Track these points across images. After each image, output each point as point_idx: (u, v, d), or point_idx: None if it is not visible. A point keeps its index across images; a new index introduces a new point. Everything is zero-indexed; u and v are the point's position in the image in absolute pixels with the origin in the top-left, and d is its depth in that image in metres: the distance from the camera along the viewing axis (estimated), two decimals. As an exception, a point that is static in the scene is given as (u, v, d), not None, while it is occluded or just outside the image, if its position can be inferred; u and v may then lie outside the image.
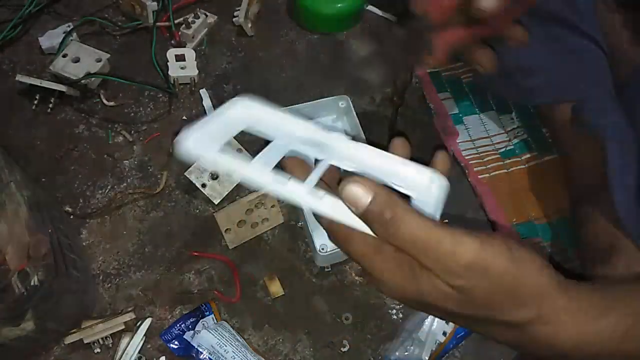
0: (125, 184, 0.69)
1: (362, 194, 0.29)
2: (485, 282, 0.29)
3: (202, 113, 0.74)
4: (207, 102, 0.75)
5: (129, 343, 0.59)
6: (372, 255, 0.31)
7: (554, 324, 0.32)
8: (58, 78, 0.72)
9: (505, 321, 0.31)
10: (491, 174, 0.70)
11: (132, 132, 0.73)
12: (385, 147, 0.36)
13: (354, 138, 0.36)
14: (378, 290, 0.33)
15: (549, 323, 0.32)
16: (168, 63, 0.74)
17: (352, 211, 0.30)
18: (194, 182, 0.66)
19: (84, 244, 0.65)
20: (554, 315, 0.32)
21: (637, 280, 0.38)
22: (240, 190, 0.68)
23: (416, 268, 0.30)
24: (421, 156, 0.37)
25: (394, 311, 0.63)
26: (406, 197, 0.33)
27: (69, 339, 0.58)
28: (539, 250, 0.35)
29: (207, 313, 0.60)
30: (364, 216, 0.30)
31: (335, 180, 0.35)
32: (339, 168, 0.36)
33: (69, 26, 0.78)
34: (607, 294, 0.34)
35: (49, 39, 0.77)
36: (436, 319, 0.60)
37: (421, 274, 0.30)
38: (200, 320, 0.60)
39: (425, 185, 0.33)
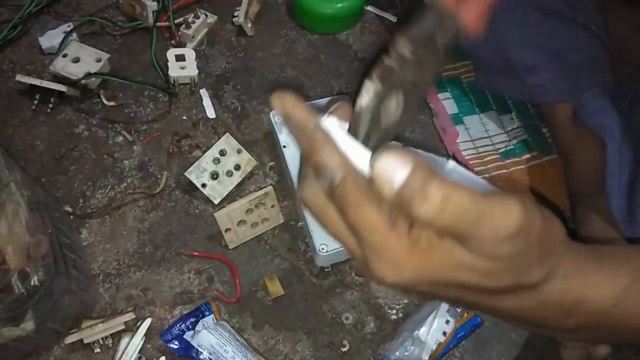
0: (125, 184, 0.69)
1: (399, 166, 0.25)
2: (526, 243, 0.27)
3: (203, 112, 0.74)
4: (207, 102, 0.75)
5: (129, 343, 0.59)
6: (384, 231, 0.27)
7: (565, 277, 0.31)
8: (58, 78, 0.72)
9: (525, 284, 0.30)
10: (491, 174, 0.70)
11: (132, 132, 0.73)
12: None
13: None
14: (379, 281, 0.29)
15: (562, 277, 0.31)
16: (168, 63, 0.74)
17: (385, 192, 0.26)
18: (194, 182, 0.66)
19: (84, 244, 0.65)
20: (566, 269, 0.31)
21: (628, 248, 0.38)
22: (240, 190, 0.68)
23: (435, 242, 0.27)
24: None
25: (394, 311, 0.63)
26: None
27: (69, 339, 0.57)
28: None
29: (207, 313, 0.60)
30: (402, 194, 0.26)
31: None
32: None
33: (69, 26, 0.78)
34: (602, 253, 0.34)
35: (49, 39, 0.77)
36: (436, 319, 0.59)
37: (443, 248, 0.27)
38: (200, 320, 0.60)
39: None
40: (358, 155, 0.28)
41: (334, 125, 0.28)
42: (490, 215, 0.26)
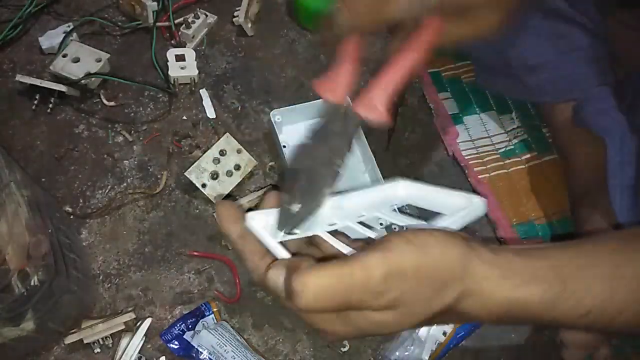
0: (125, 184, 0.69)
1: (276, 277, 0.31)
2: (407, 283, 0.30)
3: (203, 112, 0.74)
4: (207, 102, 0.75)
5: (129, 343, 0.59)
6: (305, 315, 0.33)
7: (479, 294, 0.32)
8: (58, 78, 0.72)
9: (440, 311, 0.32)
10: (491, 174, 0.70)
11: (132, 132, 0.73)
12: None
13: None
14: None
15: (473, 295, 0.32)
16: (168, 63, 0.74)
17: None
18: (194, 182, 0.66)
19: (84, 244, 0.65)
20: (477, 286, 0.32)
21: (567, 247, 0.37)
22: (240, 190, 0.68)
23: (346, 315, 0.32)
24: (420, 156, 0.37)
25: (394, 311, 0.63)
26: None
27: (69, 339, 0.57)
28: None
29: (207, 313, 0.60)
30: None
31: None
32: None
33: (69, 26, 0.78)
34: (532, 262, 0.33)
35: (49, 39, 0.77)
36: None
37: (351, 316, 0.32)
38: (200, 320, 0.60)
39: (462, 206, 0.36)
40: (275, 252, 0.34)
41: (257, 226, 0.35)
42: (351, 284, 0.29)
